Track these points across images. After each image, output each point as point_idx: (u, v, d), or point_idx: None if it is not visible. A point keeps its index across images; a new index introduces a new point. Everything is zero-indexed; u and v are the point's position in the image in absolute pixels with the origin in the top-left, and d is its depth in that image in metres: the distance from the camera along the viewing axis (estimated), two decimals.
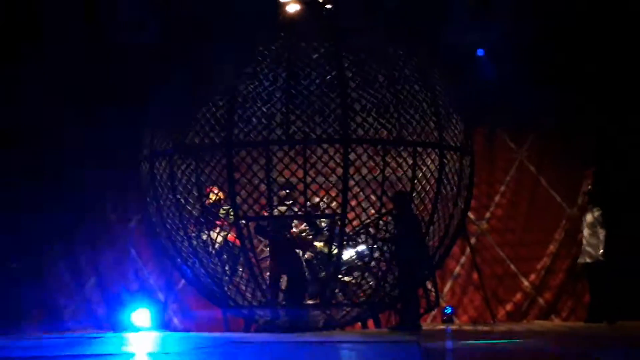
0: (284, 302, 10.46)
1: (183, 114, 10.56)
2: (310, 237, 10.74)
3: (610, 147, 12.20)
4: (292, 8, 10.92)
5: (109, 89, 12.83)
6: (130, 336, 10.64)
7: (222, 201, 10.77)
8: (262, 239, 11.19)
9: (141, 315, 12.07)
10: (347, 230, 10.44)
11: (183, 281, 12.47)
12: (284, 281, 10.71)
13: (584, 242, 11.46)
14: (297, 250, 10.68)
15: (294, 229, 10.73)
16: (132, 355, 7.77)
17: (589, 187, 11.95)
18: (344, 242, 10.21)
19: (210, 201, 10.70)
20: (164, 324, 12.43)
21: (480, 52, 12.37)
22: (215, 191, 10.68)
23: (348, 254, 10.59)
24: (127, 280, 12.87)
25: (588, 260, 11.38)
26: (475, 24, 12.54)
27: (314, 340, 8.64)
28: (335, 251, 10.19)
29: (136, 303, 12.20)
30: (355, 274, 10.66)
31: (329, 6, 10.96)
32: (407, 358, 6.71)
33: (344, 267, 10.62)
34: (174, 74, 10.94)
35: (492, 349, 7.60)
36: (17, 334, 11.78)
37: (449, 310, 12.04)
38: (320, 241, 10.76)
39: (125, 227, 13.13)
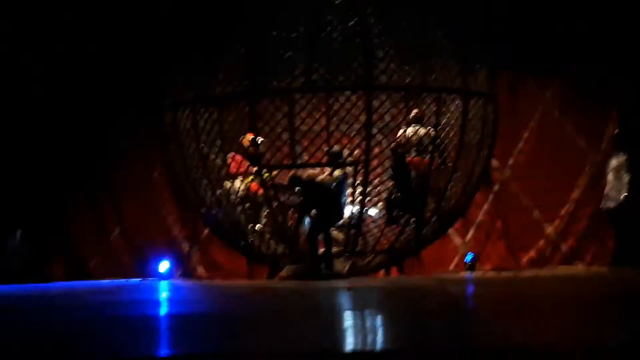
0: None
1: (205, 62, 10.51)
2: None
3: (637, 90, 12.02)
4: None
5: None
6: (155, 284, 10.75)
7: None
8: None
9: (166, 264, 12.17)
10: None
11: (207, 230, 12.51)
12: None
13: (608, 186, 11.36)
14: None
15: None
16: (159, 302, 7.86)
17: (616, 130, 11.83)
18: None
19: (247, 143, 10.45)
20: (189, 273, 12.53)
21: None
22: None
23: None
24: (151, 230, 12.92)
25: (611, 205, 11.31)
26: None
27: (340, 287, 8.69)
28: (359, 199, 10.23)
29: (160, 253, 12.30)
30: (379, 221, 10.68)
31: None
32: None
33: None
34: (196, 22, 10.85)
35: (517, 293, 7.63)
36: (41, 281, 11.91)
37: (470, 257, 12.01)
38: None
39: (148, 177, 13.14)
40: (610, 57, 12.14)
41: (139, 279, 11.95)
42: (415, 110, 10.57)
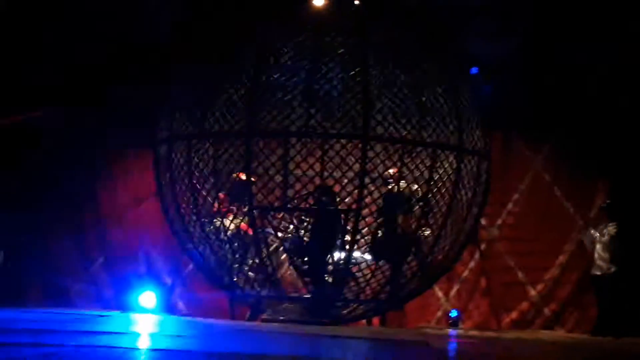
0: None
1: (204, 97, 10.56)
2: None
3: (628, 160, 12.13)
4: (320, 1, 10.87)
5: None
6: (136, 317, 10.65)
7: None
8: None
9: (147, 297, 12.07)
10: None
11: (190, 266, 12.46)
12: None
13: (596, 255, 11.43)
14: None
15: None
16: (139, 335, 7.78)
17: (607, 200, 11.90)
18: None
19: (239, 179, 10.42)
20: (170, 308, 12.44)
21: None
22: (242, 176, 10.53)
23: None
24: (135, 262, 12.84)
25: (598, 273, 11.36)
26: (497, 30, 12.51)
27: (322, 333, 8.63)
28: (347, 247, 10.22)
29: (143, 285, 12.21)
30: (365, 271, 10.68)
31: (357, 1, 10.92)
32: (421, 358, 6.70)
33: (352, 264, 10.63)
34: (196, 57, 10.93)
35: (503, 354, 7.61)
36: (20, 307, 11.78)
37: (455, 314, 12.01)
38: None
39: (136, 208, 13.10)
40: (602, 128, 12.28)
41: (120, 311, 11.85)
42: (393, 170, 10.56)
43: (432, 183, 10.32)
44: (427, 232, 10.53)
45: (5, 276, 12.36)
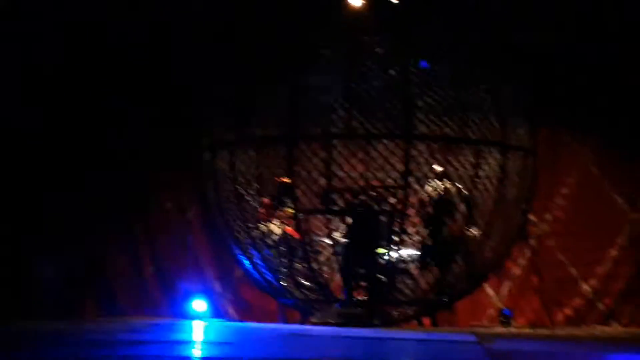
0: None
1: (245, 104, 10.61)
2: None
3: None
4: (357, 1, 10.84)
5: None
6: (186, 324, 10.70)
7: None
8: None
9: (197, 304, 12.12)
10: None
11: (239, 271, 12.48)
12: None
13: None
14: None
15: None
16: (189, 343, 7.80)
17: None
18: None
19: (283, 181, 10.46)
20: (219, 313, 12.48)
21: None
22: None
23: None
24: (184, 269, 12.91)
25: None
26: (541, 24, 12.34)
27: (373, 335, 8.59)
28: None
29: (193, 292, 12.26)
30: (414, 271, 10.61)
31: (395, 0, 10.85)
32: (472, 357, 6.63)
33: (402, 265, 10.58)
34: (236, 66, 10.98)
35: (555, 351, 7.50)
36: (75, 318, 11.91)
37: (506, 312, 11.86)
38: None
39: (183, 216, 13.17)
40: None
41: (171, 318, 11.92)
42: (439, 168, 10.50)
43: (477, 180, 10.23)
44: (475, 232, 10.43)
45: (59, 290, 12.48)
